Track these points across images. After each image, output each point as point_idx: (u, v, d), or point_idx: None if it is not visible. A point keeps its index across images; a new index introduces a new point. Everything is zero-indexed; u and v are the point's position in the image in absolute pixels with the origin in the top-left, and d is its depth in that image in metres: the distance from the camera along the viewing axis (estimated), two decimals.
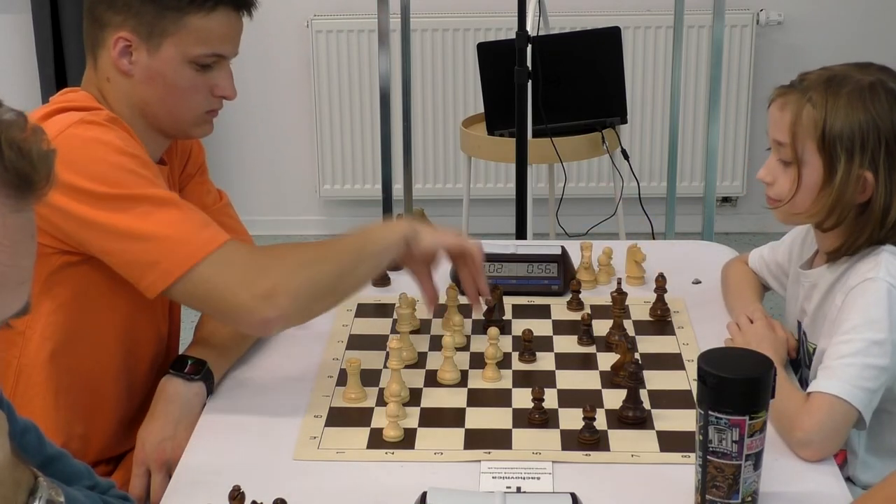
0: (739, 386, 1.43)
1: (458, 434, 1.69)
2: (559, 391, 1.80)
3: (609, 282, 2.18)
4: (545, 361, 1.90)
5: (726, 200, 4.61)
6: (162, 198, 1.73)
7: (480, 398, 1.79)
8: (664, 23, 4.23)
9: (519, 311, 2.08)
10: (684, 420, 1.66)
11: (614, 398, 1.75)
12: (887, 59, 1.85)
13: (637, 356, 1.85)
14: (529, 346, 1.90)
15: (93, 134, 1.72)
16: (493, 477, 1.58)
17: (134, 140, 1.79)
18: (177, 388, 1.79)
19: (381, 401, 1.75)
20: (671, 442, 1.65)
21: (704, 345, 1.83)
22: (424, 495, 1.41)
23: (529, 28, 3.14)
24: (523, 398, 1.75)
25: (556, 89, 3.40)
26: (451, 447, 1.66)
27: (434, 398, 1.80)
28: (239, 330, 1.85)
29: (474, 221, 3.83)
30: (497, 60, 3.38)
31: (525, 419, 1.71)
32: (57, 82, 4.21)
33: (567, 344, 1.96)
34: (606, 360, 1.89)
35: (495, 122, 3.50)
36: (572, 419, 1.69)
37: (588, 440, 1.65)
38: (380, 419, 1.72)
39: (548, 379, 1.84)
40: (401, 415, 1.70)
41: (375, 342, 1.97)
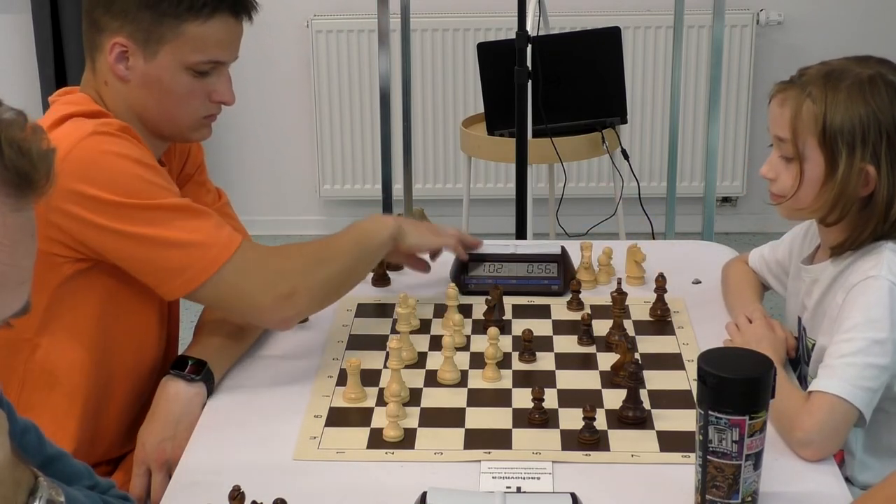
0: (739, 386, 1.42)
1: (458, 434, 1.69)
2: (559, 391, 1.80)
3: (609, 282, 2.18)
4: (545, 361, 1.90)
5: (726, 200, 4.60)
6: (180, 205, 1.77)
7: (480, 398, 1.79)
8: (664, 23, 4.23)
9: (519, 311, 2.08)
10: (684, 420, 1.66)
11: (614, 398, 1.75)
12: (887, 58, 1.84)
13: (637, 356, 1.85)
14: (529, 346, 1.90)
15: (108, 146, 1.73)
16: (493, 477, 1.58)
17: (144, 148, 1.80)
18: (177, 389, 1.79)
19: (381, 401, 1.75)
20: (671, 442, 1.65)
21: (704, 345, 1.83)
22: (424, 495, 1.41)
23: (529, 28, 3.14)
24: (523, 398, 1.75)
25: (556, 89, 3.39)
26: (451, 447, 1.66)
27: (434, 398, 1.80)
28: (256, 326, 1.92)
29: (474, 221, 3.83)
30: (497, 60, 3.38)
31: (525, 419, 1.71)
32: (57, 82, 4.21)
33: (567, 344, 1.96)
34: (606, 360, 1.89)
35: (495, 122, 3.50)
36: (572, 419, 1.69)
37: (588, 440, 1.65)
38: (380, 419, 1.72)
39: (548, 379, 1.83)
40: (401, 415, 1.70)
41: (375, 342, 1.97)
